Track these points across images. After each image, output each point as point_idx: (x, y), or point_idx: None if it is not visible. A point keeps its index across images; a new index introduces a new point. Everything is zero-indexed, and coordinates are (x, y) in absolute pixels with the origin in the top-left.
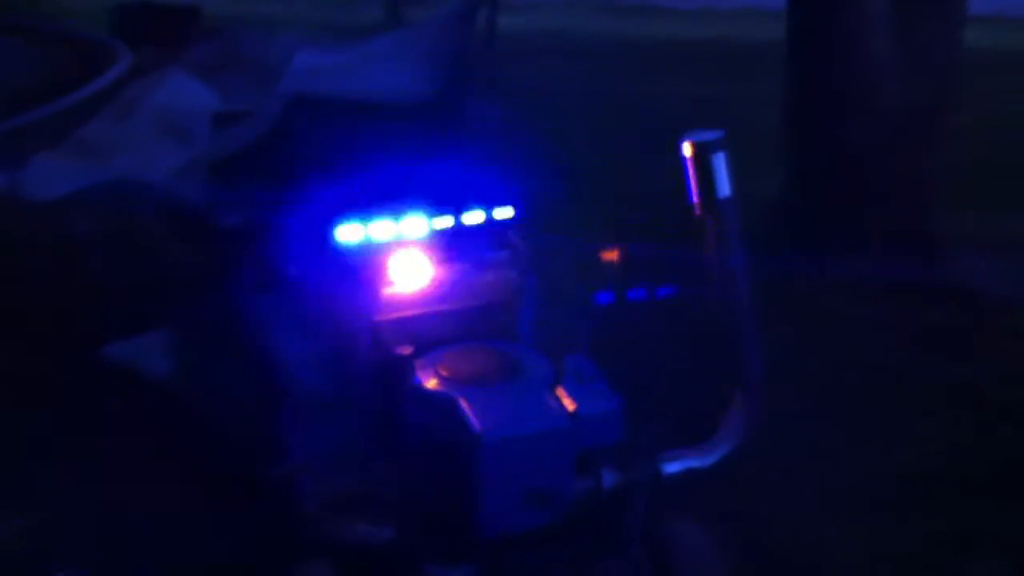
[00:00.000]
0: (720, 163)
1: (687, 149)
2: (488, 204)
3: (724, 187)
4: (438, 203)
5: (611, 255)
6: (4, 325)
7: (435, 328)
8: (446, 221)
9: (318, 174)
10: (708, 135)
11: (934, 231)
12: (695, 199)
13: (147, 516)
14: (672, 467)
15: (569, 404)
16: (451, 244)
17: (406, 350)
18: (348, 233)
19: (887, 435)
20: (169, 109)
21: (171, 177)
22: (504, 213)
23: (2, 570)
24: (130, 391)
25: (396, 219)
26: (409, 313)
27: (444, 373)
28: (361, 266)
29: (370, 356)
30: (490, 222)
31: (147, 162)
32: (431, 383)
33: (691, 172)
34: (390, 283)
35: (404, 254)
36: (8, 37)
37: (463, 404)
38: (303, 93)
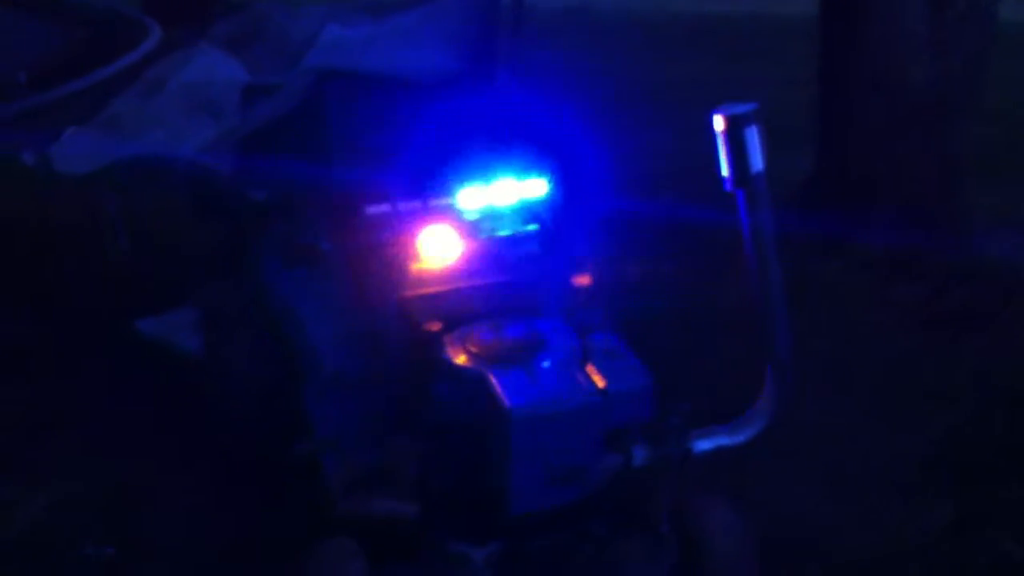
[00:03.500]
0: (753, 137)
1: (719, 122)
2: (517, 180)
3: (757, 161)
4: (467, 179)
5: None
6: (34, 300)
7: (464, 304)
8: (475, 197)
9: (346, 149)
10: (741, 108)
11: (964, 208)
12: (727, 173)
13: (172, 492)
14: (702, 445)
15: (599, 381)
16: (480, 220)
17: (435, 326)
18: (376, 209)
19: (905, 416)
20: (198, 84)
21: (200, 152)
22: (533, 189)
23: (29, 547)
24: (158, 367)
25: (425, 195)
26: (438, 289)
27: (473, 349)
28: (389, 242)
29: (398, 332)
30: (519, 198)
31: (176, 137)
32: (460, 359)
33: (723, 146)
34: (419, 259)
35: (433, 230)
36: (39, 12)
37: (492, 380)
38: (331, 67)
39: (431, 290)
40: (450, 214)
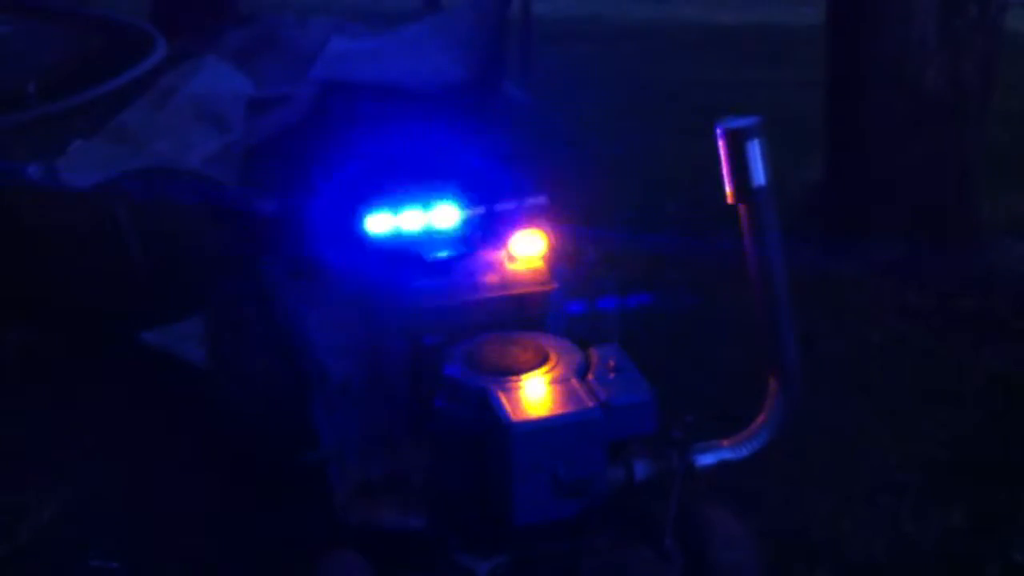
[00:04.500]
0: (755, 150)
1: (721, 136)
2: (520, 192)
3: (759, 175)
4: (470, 190)
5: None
6: (43, 310)
7: (466, 317)
8: (478, 209)
9: (351, 159)
10: (742, 121)
11: (973, 215)
12: (729, 187)
13: (179, 502)
14: (705, 459)
15: (601, 394)
16: (482, 232)
17: (438, 339)
18: (380, 220)
19: (916, 420)
20: (205, 96)
21: (207, 163)
22: (536, 201)
23: (36, 557)
24: (165, 377)
25: (428, 206)
26: (440, 302)
27: (475, 362)
28: (393, 253)
29: (402, 344)
30: (522, 210)
31: (183, 148)
32: (462, 372)
33: (725, 159)
34: (422, 271)
35: (436, 242)
36: (47, 23)
37: (494, 393)
38: (337, 78)
39: (433, 303)
40: (452, 226)
